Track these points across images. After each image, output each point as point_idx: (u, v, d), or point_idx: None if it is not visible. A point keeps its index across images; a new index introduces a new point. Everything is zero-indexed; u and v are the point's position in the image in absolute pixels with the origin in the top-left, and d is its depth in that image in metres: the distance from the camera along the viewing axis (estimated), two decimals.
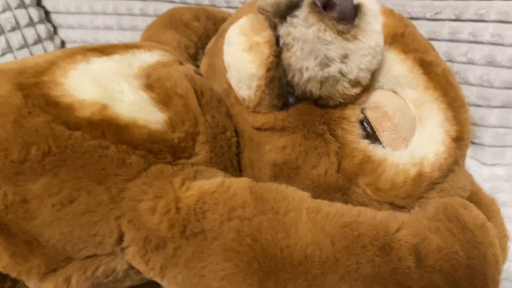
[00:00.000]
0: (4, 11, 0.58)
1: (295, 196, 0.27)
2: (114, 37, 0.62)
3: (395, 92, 0.33)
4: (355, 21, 0.28)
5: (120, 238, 0.28)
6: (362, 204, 0.30)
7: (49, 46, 0.63)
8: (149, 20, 0.58)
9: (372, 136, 0.31)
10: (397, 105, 0.32)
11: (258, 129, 0.31)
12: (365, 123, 0.31)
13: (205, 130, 0.32)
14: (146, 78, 0.33)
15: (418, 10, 0.45)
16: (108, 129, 0.28)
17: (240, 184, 0.28)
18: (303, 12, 0.27)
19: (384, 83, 0.32)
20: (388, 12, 0.36)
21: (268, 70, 0.29)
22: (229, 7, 0.55)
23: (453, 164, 0.32)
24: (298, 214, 0.26)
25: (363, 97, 0.31)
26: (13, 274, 0.28)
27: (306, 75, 0.28)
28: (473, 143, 0.47)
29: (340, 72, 0.28)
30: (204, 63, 0.41)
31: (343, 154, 0.30)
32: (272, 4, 0.29)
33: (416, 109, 0.33)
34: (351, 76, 0.29)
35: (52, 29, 0.64)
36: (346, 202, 0.29)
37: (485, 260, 0.28)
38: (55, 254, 0.28)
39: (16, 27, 0.59)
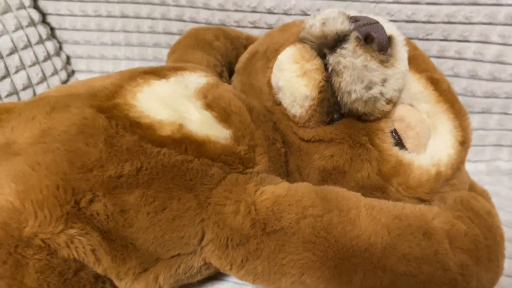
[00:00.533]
0: (16, 29, 0.59)
1: (351, 196, 0.33)
2: (121, 53, 0.66)
3: (412, 106, 0.40)
4: (388, 51, 0.35)
5: (202, 238, 0.33)
6: (396, 199, 0.36)
7: (57, 62, 0.65)
8: (158, 37, 0.63)
9: (400, 143, 0.37)
10: (417, 116, 0.39)
11: (307, 141, 0.37)
12: (394, 133, 0.37)
13: (261, 143, 0.37)
14: (204, 99, 0.38)
15: (411, 31, 0.53)
16: (190, 145, 0.33)
17: (304, 187, 0.33)
18: (351, 45, 0.33)
19: (404, 99, 0.39)
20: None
21: (320, 92, 0.35)
22: (238, 26, 0.59)
23: (460, 163, 0.39)
24: (358, 210, 0.32)
25: (391, 111, 0.37)
26: (112, 276, 0.32)
27: (353, 96, 0.34)
28: None
29: (381, 93, 0.34)
30: (237, 81, 0.46)
31: (381, 159, 0.36)
32: (319, 37, 0.35)
33: (430, 119, 0.39)
34: (388, 96, 0.35)
35: (58, 45, 0.67)
36: (385, 198, 0.36)
37: (496, 240, 0.35)
38: (147, 256, 0.32)
39: (28, 44, 0.61)
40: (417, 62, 0.40)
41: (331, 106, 0.35)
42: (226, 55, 0.53)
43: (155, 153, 0.32)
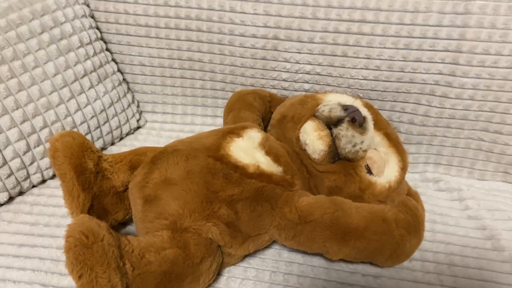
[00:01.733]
0: (112, 89, 0.88)
1: (346, 201, 0.65)
2: (178, 101, 0.95)
3: (376, 149, 0.72)
4: (364, 125, 0.67)
5: (271, 225, 0.64)
6: (368, 202, 0.68)
7: (134, 107, 0.94)
8: (206, 92, 0.92)
9: (370, 172, 0.69)
10: (378, 156, 0.71)
11: (321, 172, 0.69)
12: (366, 166, 0.70)
13: (297, 173, 0.68)
14: (263, 149, 0.68)
15: (374, 95, 0.86)
16: (264, 177, 0.63)
17: (323, 197, 0.65)
18: (345, 124, 0.65)
19: (371, 145, 0.71)
20: (367, 107, 0.75)
21: (329, 147, 0.66)
22: (263, 87, 0.90)
23: (401, 180, 0.72)
24: (351, 209, 0.64)
25: (365, 155, 0.69)
26: (227, 246, 0.62)
27: (347, 150, 0.65)
28: None
29: (360, 148, 0.66)
30: (273, 132, 0.76)
31: (360, 181, 0.68)
32: (328, 118, 0.66)
33: (385, 157, 0.72)
34: (364, 149, 0.67)
35: (132, 95, 0.95)
36: (362, 201, 0.68)
37: (418, 222, 0.68)
38: (245, 235, 0.63)
39: (118, 99, 0.89)
40: (378, 123, 0.72)
41: (334, 154, 0.67)
42: (261, 111, 0.84)
43: (249, 182, 0.62)
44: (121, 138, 0.93)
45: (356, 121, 0.65)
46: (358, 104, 0.71)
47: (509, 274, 0.69)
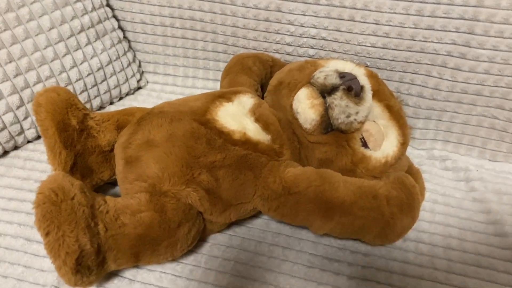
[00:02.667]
0: (111, 47, 0.86)
1: (336, 175, 0.62)
2: (180, 62, 0.92)
3: (374, 121, 0.68)
4: (361, 95, 0.62)
5: (254, 194, 0.62)
6: (360, 177, 0.65)
7: (134, 67, 0.91)
8: (207, 54, 0.89)
9: (365, 145, 0.65)
10: (377, 128, 0.67)
11: (312, 142, 0.65)
12: (362, 139, 0.65)
13: (286, 142, 0.65)
14: (254, 115, 0.65)
15: (382, 64, 0.80)
16: (250, 145, 0.60)
17: (310, 169, 0.62)
18: (339, 93, 0.61)
19: (370, 117, 0.66)
20: (370, 75, 0.70)
21: (321, 117, 0.62)
22: (266, 51, 0.86)
23: (401, 155, 0.67)
24: (339, 183, 0.60)
25: (361, 127, 0.65)
26: (207, 213, 0.60)
27: (339, 121, 0.62)
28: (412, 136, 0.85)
29: (355, 119, 0.62)
30: (269, 98, 0.72)
31: (353, 154, 0.64)
32: (322, 85, 0.62)
33: (384, 130, 0.67)
34: (359, 120, 0.62)
35: (133, 54, 0.93)
36: (354, 176, 0.64)
37: (414, 200, 0.63)
38: (227, 203, 0.60)
39: (117, 57, 0.87)
40: (379, 94, 0.68)
41: (327, 124, 0.63)
42: (260, 76, 0.80)
43: (232, 149, 0.60)
44: (121, 98, 0.92)
45: (352, 90, 0.61)
46: (359, 72, 0.67)
47: (509, 261, 0.64)
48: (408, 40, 0.76)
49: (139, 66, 0.95)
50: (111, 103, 0.90)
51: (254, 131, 0.62)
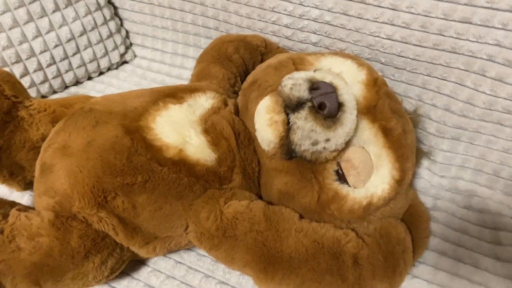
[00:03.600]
0: (86, 15, 0.74)
1: (289, 219, 0.47)
2: (169, 36, 0.79)
3: (363, 147, 0.51)
4: (338, 115, 0.46)
5: (186, 229, 0.49)
6: (330, 220, 0.49)
7: (118, 38, 0.79)
8: (198, 29, 0.75)
9: (342, 178, 0.49)
10: (362, 158, 0.50)
11: (272, 168, 0.50)
12: (339, 170, 0.49)
13: (239, 164, 0.50)
14: (204, 124, 0.51)
15: (401, 63, 0.61)
16: (183, 167, 0.47)
17: (258, 207, 0.47)
18: (304, 112, 0.45)
19: (355, 142, 0.50)
20: (371, 84, 0.52)
21: (281, 140, 0.46)
22: (261, 32, 0.70)
23: (394, 196, 0.50)
24: (289, 232, 0.46)
25: (339, 155, 0.49)
26: (125, 244, 0.49)
27: (302, 148, 0.46)
28: (429, 159, 0.65)
29: (324, 148, 0.46)
30: (240, 99, 0.57)
31: (321, 191, 0.48)
32: (287, 98, 0.46)
33: (375, 159, 0.50)
34: (331, 149, 0.46)
35: (119, 22, 0.81)
36: (320, 219, 0.49)
37: (395, 261, 0.47)
38: (148, 235, 0.49)
39: (95, 26, 0.75)
40: (375, 112, 0.50)
41: (288, 150, 0.47)
42: (243, 65, 0.64)
43: (158, 170, 0.47)
44: (101, 73, 0.81)
45: (324, 108, 0.45)
46: (354, 77, 0.50)
47: None
48: (435, 35, 0.56)
49: (127, 37, 0.83)
50: (89, 78, 0.80)
51: (196, 147, 0.49)
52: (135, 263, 0.55)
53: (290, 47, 0.69)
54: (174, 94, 0.53)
